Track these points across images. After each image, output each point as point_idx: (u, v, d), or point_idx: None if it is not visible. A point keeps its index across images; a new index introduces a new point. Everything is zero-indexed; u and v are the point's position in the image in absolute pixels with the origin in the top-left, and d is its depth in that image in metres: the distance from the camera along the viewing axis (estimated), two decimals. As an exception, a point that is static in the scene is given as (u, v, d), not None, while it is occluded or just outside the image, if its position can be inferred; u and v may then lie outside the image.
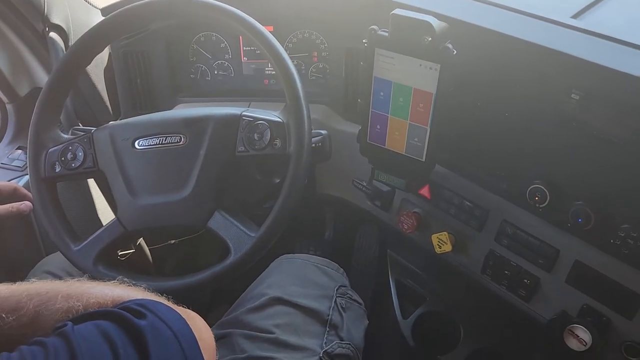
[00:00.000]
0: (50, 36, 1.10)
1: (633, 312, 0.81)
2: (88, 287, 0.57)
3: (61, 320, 0.52)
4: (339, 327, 0.92)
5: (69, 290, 0.56)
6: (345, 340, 0.91)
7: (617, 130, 0.74)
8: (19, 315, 0.53)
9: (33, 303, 0.54)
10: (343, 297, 0.96)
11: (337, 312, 0.93)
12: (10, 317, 0.53)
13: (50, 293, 0.55)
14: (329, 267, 1.02)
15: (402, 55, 0.83)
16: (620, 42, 0.78)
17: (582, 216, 0.80)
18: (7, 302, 0.54)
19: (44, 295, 0.55)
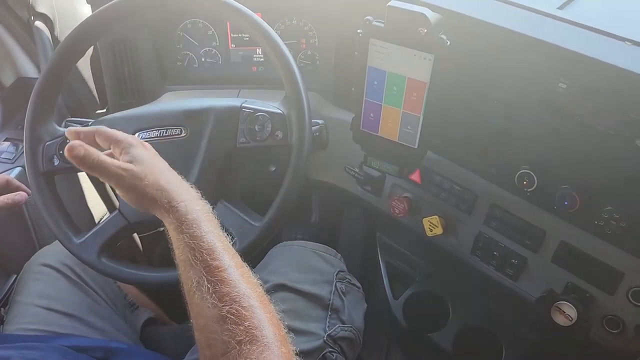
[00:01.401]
0: (35, 25, 1.09)
1: (614, 288, 0.86)
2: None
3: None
4: (341, 310, 0.95)
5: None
6: (347, 324, 0.94)
7: (602, 118, 0.78)
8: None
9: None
10: (342, 282, 1.00)
11: (337, 296, 0.96)
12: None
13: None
14: (327, 252, 1.05)
15: (396, 45, 0.85)
16: (603, 34, 0.82)
17: (568, 199, 0.84)
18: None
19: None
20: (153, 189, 0.67)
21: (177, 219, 0.65)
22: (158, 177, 0.68)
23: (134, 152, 0.70)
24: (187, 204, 0.66)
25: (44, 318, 0.92)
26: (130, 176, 0.67)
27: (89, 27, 0.89)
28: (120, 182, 0.67)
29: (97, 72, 1.24)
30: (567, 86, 0.79)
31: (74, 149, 0.65)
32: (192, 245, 0.62)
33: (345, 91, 1.15)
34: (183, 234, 0.63)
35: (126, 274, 0.88)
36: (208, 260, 0.60)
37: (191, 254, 0.61)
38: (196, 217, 0.64)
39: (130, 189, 0.67)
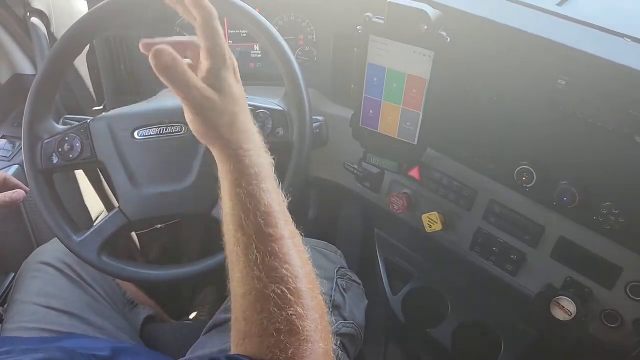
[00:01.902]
0: (31, 21, 1.08)
1: (613, 283, 0.87)
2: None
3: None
4: (342, 307, 0.95)
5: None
6: (348, 320, 0.94)
7: (601, 115, 0.78)
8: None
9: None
10: (343, 279, 1.00)
11: (339, 293, 0.96)
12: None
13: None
14: (327, 249, 1.05)
15: (396, 42, 0.85)
16: (602, 30, 0.82)
17: (567, 195, 0.84)
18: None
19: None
20: (226, 128, 0.58)
21: (239, 170, 0.57)
22: (235, 119, 0.58)
23: (223, 78, 0.58)
24: (253, 154, 0.58)
25: (43, 316, 0.92)
26: (210, 107, 0.57)
27: (87, 24, 0.88)
28: (195, 107, 0.57)
29: (94, 69, 1.23)
30: (566, 83, 0.80)
31: (162, 55, 0.52)
32: (247, 204, 0.55)
33: (344, 87, 1.15)
34: (241, 189, 0.56)
35: (128, 272, 0.88)
36: (262, 225, 0.54)
37: (244, 214, 0.55)
38: (259, 172, 0.57)
39: (201, 118, 0.58)
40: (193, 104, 0.56)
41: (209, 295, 1.54)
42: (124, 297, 1.10)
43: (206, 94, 0.56)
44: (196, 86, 0.55)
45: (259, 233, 0.54)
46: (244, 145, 0.58)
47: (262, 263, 0.52)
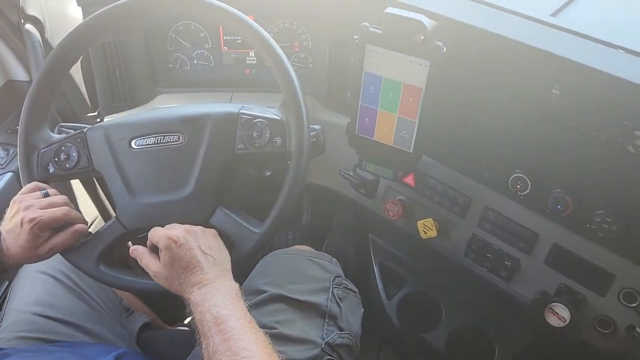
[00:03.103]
0: (26, 28, 1.07)
1: (606, 290, 0.88)
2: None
3: None
4: (338, 317, 0.95)
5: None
6: (345, 330, 0.94)
7: (594, 124, 0.79)
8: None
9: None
10: (339, 288, 1.00)
11: (334, 302, 0.96)
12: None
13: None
14: (322, 258, 1.05)
15: (393, 51, 0.85)
16: (596, 41, 0.83)
17: (560, 203, 0.85)
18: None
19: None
20: (173, 287, 0.81)
21: (192, 301, 0.78)
22: (173, 280, 0.81)
23: (162, 255, 0.81)
24: (196, 290, 0.78)
25: (41, 326, 0.92)
26: (163, 275, 0.82)
27: (82, 34, 0.88)
28: (158, 278, 0.83)
29: (88, 75, 1.23)
30: (560, 92, 0.81)
31: (135, 250, 0.86)
32: (201, 319, 0.75)
33: (339, 94, 1.16)
34: (196, 312, 0.76)
35: (126, 282, 0.87)
36: (212, 327, 0.72)
37: (200, 326, 0.74)
38: (203, 299, 0.76)
39: (164, 282, 0.82)
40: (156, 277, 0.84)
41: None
42: (120, 304, 1.10)
43: (154, 270, 0.83)
44: (149, 267, 0.84)
45: (212, 332, 0.72)
46: (186, 292, 0.79)
47: (217, 350, 0.70)
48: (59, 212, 0.84)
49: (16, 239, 0.82)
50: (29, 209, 0.82)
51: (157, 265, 0.82)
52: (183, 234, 0.81)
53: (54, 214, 0.83)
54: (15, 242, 0.82)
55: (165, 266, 0.81)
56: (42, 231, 0.83)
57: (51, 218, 0.83)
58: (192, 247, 0.80)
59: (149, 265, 0.83)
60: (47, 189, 0.88)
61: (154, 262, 0.83)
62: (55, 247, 0.84)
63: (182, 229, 0.82)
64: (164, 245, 0.80)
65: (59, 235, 0.85)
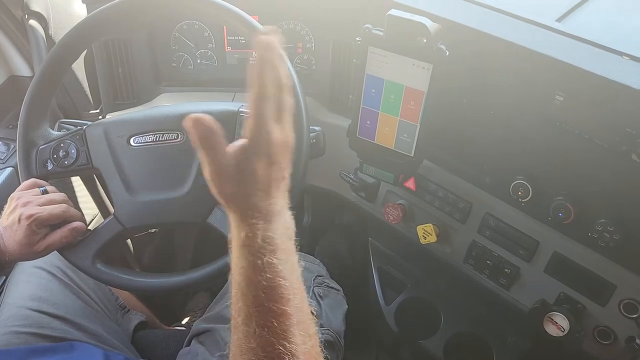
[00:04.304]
0: (29, 24, 1.07)
1: (606, 300, 0.87)
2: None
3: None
4: (318, 315, 0.95)
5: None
6: (324, 327, 0.94)
7: (598, 131, 0.78)
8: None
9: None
10: (320, 286, 1.00)
11: (314, 301, 0.96)
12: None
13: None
14: (305, 260, 1.05)
15: (395, 54, 0.85)
16: (601, 47, 0.82)
17: (562, 211, 0.84)
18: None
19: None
20: (240, 200, 0.54)
21: (244, 237, 0.53)
22: (247, 196, 0.53)
23: (248, 159, 0.54)
24: (262, 226, 0.53)
25: (35, 320, 0.91)
26: (224, 179, 0.54)
27: (84, 30, 0.88)
28: (211, 173, 0.54)
29: (91, 72, 1.23)
30: (563, 99, 0.80)
31: (200, 124, 0.52)
32: (251, 275, 0.52)
33: (341, 96, 1.15)
34: (246, 259, 0.53)
35: (122, 280, 0.87)
36: (263, 299, 0.52)
37: (246, 284, 0.53)
38: (270, 242, 0.53)
39: (215, 182, 0.55)
40: (210, 169, 0.54)
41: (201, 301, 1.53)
42: (116, 302, 1.10)
43: (227, 168, 0.53)
44: (220, 160, 0.53)
45: (260, 306, 0.52)
46: (255, 216, 0.53)
47: (260, 336, 0.51)
48: (57, 210, 0.84)
49: (13, 235, 0.82)
50: (27, 206, 0.82)
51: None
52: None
53: (52, 211, 0.83)
54: (12, 239, 0.82)
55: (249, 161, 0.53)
56: (40, 228, 0.82)
57: (49, 215, 0.82)
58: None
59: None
60: (46, 186, 0.87)
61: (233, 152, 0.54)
62: (52, 244, 0.84)
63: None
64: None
65: (56, 232, 0.84)
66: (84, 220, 0.88)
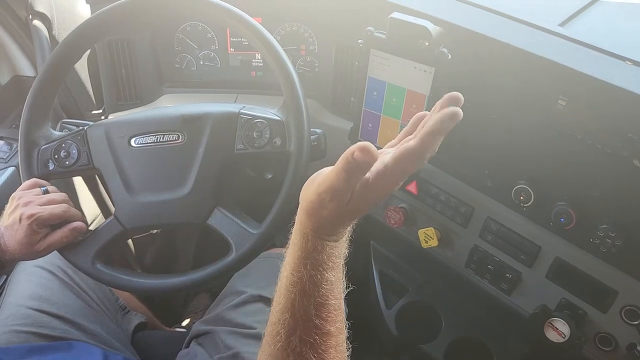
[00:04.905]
0: (33, 24, 1.08)
1: (608, 306, 0.86)
2: None
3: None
4: None
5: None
6: None
7: (600, 136, 0.78)
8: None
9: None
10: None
11: None
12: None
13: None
14: None
15: (397, 57, 0.85)
16: (603, 52, 0.82)
17: (564, 216, 0.84)
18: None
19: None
20: (330, 219, 0.52)
21: (313, 250, 0.53)
22: (342, 219, 0.53)
23: (366, 197, 0.53)
24: (333, 244, 0.54)
25: (35, 320, 0.92)
26: (375, 195, 0.53)
27: (87, 30, 0.88)
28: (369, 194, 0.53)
29: (94, 72, 1.23)
30: (566, 103, 0.80)
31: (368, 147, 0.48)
32: (306, 287, 0.52)
33: (344, 99, 1.15)
34: (306, 270, 0.53)
35: (122, 281, 0.87)
36: (312, 314, 0.52)
37: (300, 296, 0.52)
38: (329, 260, 0.54)
39: (362, 201, 0.53)
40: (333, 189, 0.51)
41: (202, 302, 1.53)
42: (116, 302, 1.10)
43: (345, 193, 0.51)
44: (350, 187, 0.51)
45: (308, 321, 0.52)
46: (330, 233, 0.54)
47: (299, 354, 0.51)
48: (58, 210, 0.84)
49: (14, 235, 0.82)
50: (28, 205, 0.82)
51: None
52: None
53: (53, 211, 0.83)
54: (13, 238, 0.82)
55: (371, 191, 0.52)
56: (41, 228, 0.82)
57: (50, 215, 0.83)
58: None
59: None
60: (47, 186, 0.88)
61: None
62: (53, 244, 0.84)
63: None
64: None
65: (56, 232, 0.85)
66: (84, 221, 0.88)
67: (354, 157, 0.47)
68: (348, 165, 0.48)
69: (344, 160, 0.48)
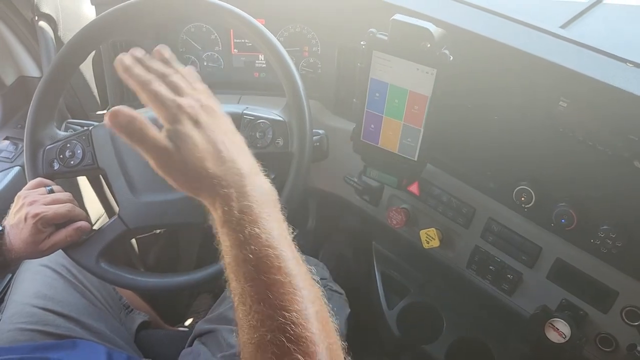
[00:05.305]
0: (39, 25, 1.08)
1: (608, 307, 0.87)
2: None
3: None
4: None
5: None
6: None
7: (601, 138, 0.78)
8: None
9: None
10: (323, 289, 1.00)
11: None
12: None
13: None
14: (308, 262, 1.05)
15: (399, 58, 0.85)
16: (605, 54, 0.83)
17: (565, 217, 0.84)
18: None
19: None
20: (194, 174, 0.55)
21: (220, 218, 0.54)
22: (202, 160, 0.54)
23: (177, 130, 0.55)
24: (234, 197, 0.53)
25: (40, 318, 0.92)
26: (166, 158, 0.55)
27: (92, 32, 0.89)
28: (154, 159, 0.56)
29: (99, 73, 1.24)
30: (567, 105, 0.80)
31: (118, 115, 0.54)
32: (236, 251, 0.51)
33: (346, 100, 1.15)
34: (227, 236, 0.53)
35: (125, 280, 0.88)
36: (253, 272, 0.50)
37: (234, 261, 0.51)
38: (249, 212, 0.52)
39: (166, 172, 0.56)
40: (151, 156, 0.56)
41: (204, 303, 1.54)
42: (120, 301, 1.10)
43: (160, 146, 0.55)
44: (150, 141, 0.55)
45: (251, 281, 0.50)
46: (222, 185, 0.54)
47: (257, 312, 0.49)
48: (63, 209, 0.85)
49: (19, 234, 0.83)
50: (33, 205, 0.83)
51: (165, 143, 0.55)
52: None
53: (58, 210, 0.84)
54: (18, 237, 0.83)
55: (184, 137, 0.55)
56: (45, 227, 0.83)
57: (55, 214, 0.84)
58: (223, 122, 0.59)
59: (153, 135, 0.55)
60: (52, 186, 0.89)
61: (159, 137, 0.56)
62: (57, 243, 0.85)
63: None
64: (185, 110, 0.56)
65: (61, 231, 0.86)
66: (88, 220, 0.89)
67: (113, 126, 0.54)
68: (123, 135, 0.54)
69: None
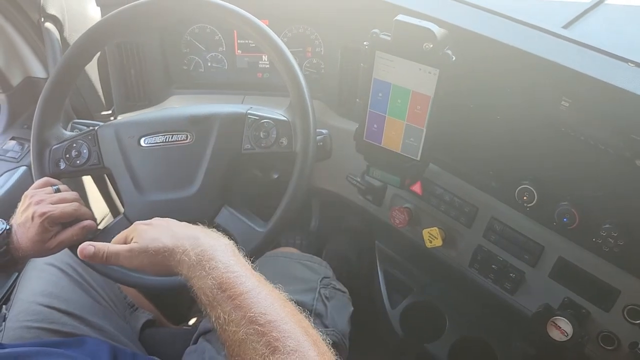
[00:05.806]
0: (45, 26, 1.10)
1: (610, 305, 0.87)
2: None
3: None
4: (323, 315, 0.96)
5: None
6: (329, 327, 0.95)
7: (602, 137, 0.79)
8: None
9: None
10: (327, 288, 1.01)
11: (320, 302, 0.97)
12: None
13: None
14: (312, 261, 1.06)
15: (402, 59, 0.86)
16: (606, 54, 0.83)
17: (567, 216, 0.85)
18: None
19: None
20: (159, 254, 0.69)
21: (186, 269, 0.67)
22: (160, 239, 0.70)
23: (134, 234, 0.73)
24: (189, 250, 0.67)
25: (46, 316, 0.93)
26: (137, 252, 0.70)
27: (97, 33, 0.90)
28: (133, 262, 0.70)
29: (104, 74, 1.25)
30: (569, 104, 0.80)
31: (83, 249, 0.71)
32: (201, 286, 0.64)
33: (349, 100, 1.16)
34: (192, 280, 0.66)
35: (131, 278, 0.88)
36: (218, 293, 0.62)
37: (202, 293, 0.63)
38: (200, 259, 0.66)
39: (142, 264, 0.70)
40: (129, 262, 0.71)
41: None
42: (125, 300, 1.11)
43: (127, 248, 0.71)
44: (120, 250, 0.71)
45: (218, 300, 0.61)
46: (178, 249, 0.68)
47: (231, 320, 0.59)
48: (69, 208, 0.86)
49: (26, 232, 0.84)
50: (40, 204, 0.84)
51: (129, 245, 0.72)
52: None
53: (65, 209, 0.85)
54: (25, 235, 0.84)
55: (141, 237, 0.71)
56: (52, 226, 0.84)
57: (61, 213, 0.85)
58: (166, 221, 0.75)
59: (119, 249, 0.71)
60: (59, 185, 0.90)
61: (123, 246, 0.73)
62: (64, 241, 0.86)
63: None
64: (133, 227, 0.75)
65: (67, 230, 0.87)
66: (94, 219, 0.90)
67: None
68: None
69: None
